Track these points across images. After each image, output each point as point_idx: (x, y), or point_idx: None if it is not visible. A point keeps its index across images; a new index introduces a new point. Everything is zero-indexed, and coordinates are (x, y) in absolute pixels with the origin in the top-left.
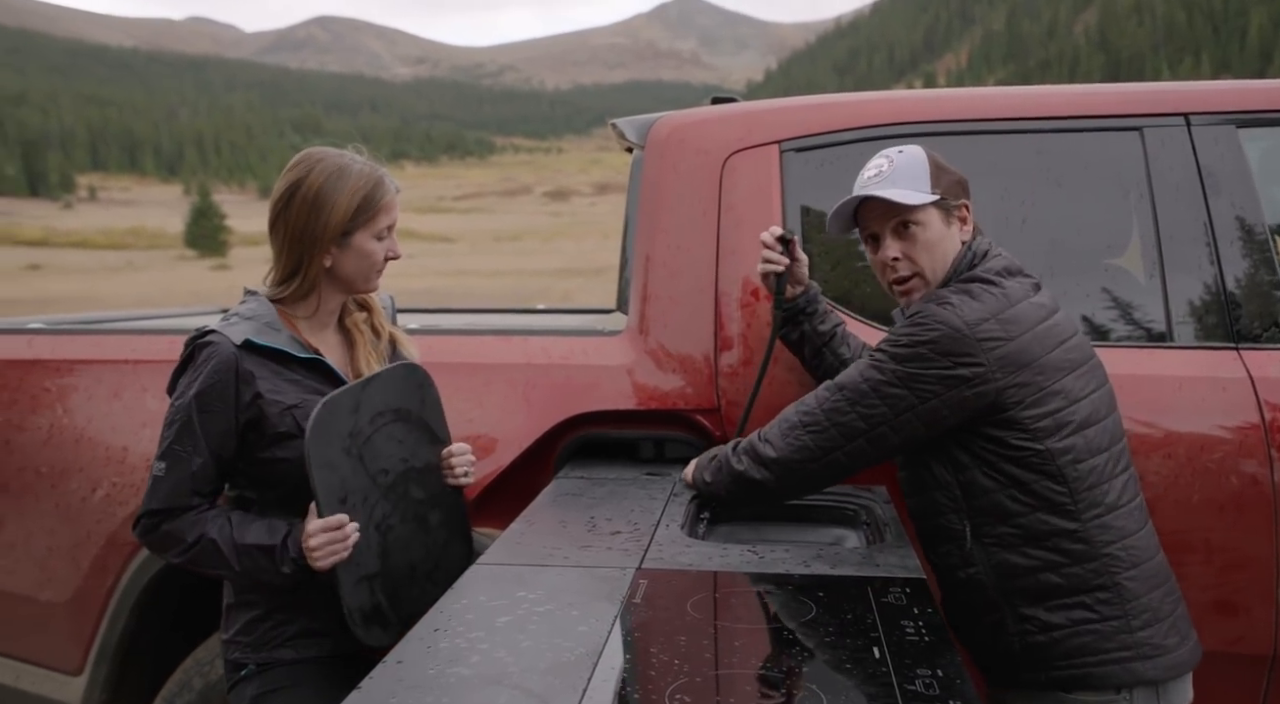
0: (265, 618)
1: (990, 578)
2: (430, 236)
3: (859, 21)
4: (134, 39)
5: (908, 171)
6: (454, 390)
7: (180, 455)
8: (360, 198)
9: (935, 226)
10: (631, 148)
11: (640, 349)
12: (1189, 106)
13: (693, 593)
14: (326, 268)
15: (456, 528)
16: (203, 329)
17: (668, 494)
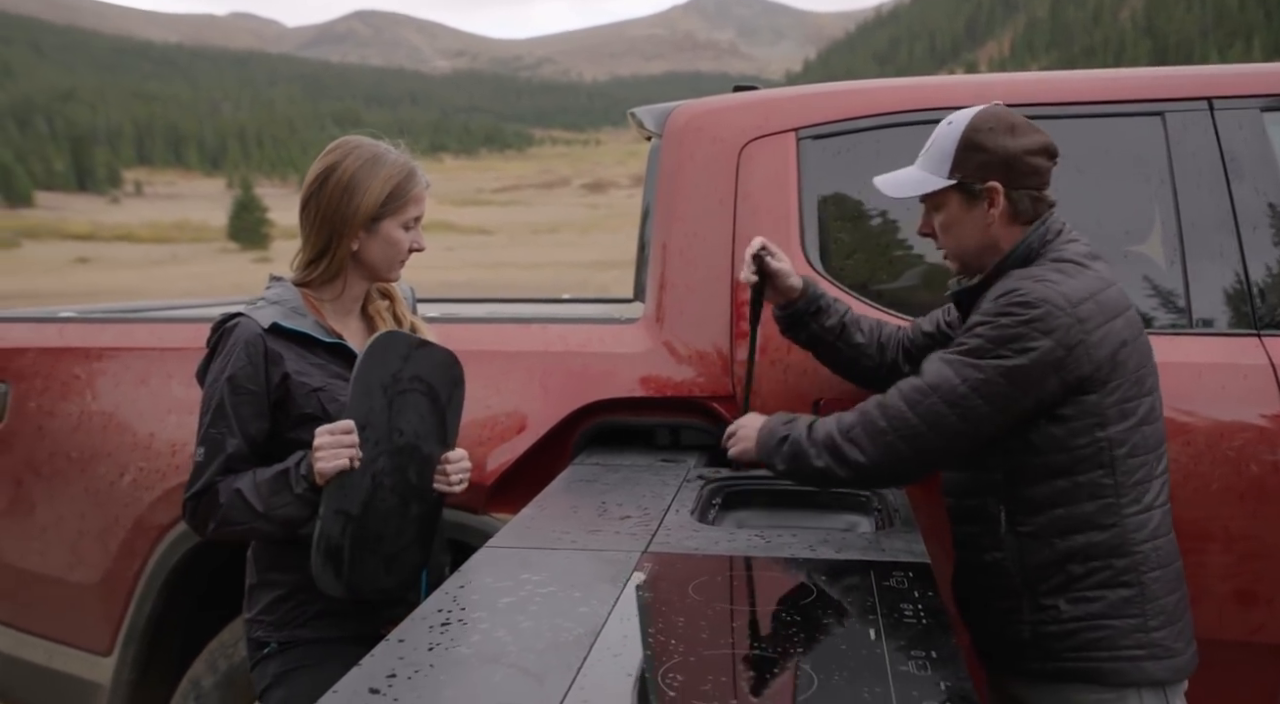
0: (288, 597)
1: (1015, 565)
2: (469, 229)
3: (899, 10)
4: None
5: (938, 150)
6: (472, 377)
7: (216, 439)
8: (393, 185)
9: (952, 210)
10: (651, 137)
11: (656, 337)
12: (1212, 91)
13: (696, 576)
14: (353, 251)
15: (424, 532)
16: (229, 313)
17: (680, 480)
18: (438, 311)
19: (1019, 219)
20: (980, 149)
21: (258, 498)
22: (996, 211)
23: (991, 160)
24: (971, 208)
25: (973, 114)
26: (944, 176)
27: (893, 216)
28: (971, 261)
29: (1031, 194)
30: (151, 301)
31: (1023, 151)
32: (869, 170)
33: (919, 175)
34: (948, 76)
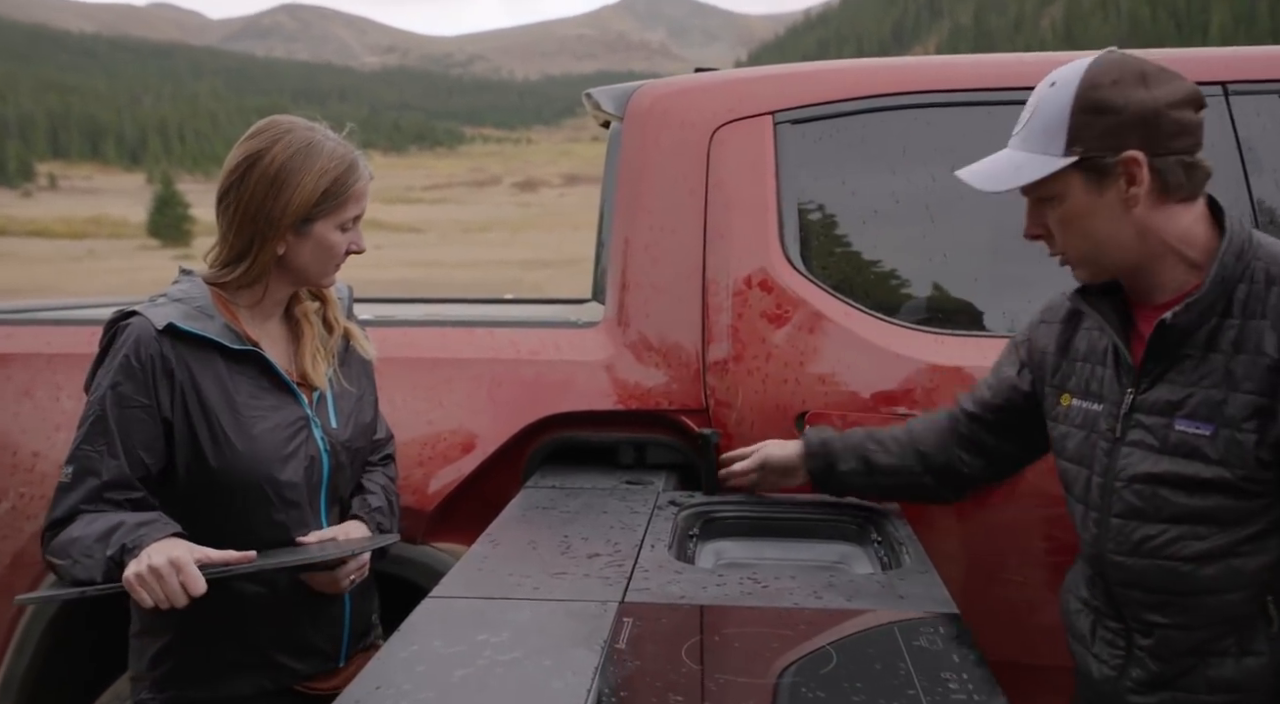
0: (175, 648)
1: (1271, 675)
2: (399, 227)
3: (828, 14)
4: (97, 24)
5: (1044, 121)
6: (411, 388)
7: (91, 458)
8: (329, 181)
9: (1076, 198)
10: (608, 122)
11: (619, 342)
12: (1228, 75)
13: (687, 634)
14: (279, 255)
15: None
16: (122, 310)
17: (651, 507)
18: (371, 313)
19: (1172, 196)
20: (1106, 109)
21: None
22: (1140, 189)
23: (1124, 122)
24: (1103, 191)
25: (1085, 67)
26: (1059, 154)
27: (882, 209)
28: (1113, 262)
29: (1183, 159)
30: (54, 300)
31: (1165, 105)
32: (854, 158)
33: (1020, 158)
34: (936, 57)
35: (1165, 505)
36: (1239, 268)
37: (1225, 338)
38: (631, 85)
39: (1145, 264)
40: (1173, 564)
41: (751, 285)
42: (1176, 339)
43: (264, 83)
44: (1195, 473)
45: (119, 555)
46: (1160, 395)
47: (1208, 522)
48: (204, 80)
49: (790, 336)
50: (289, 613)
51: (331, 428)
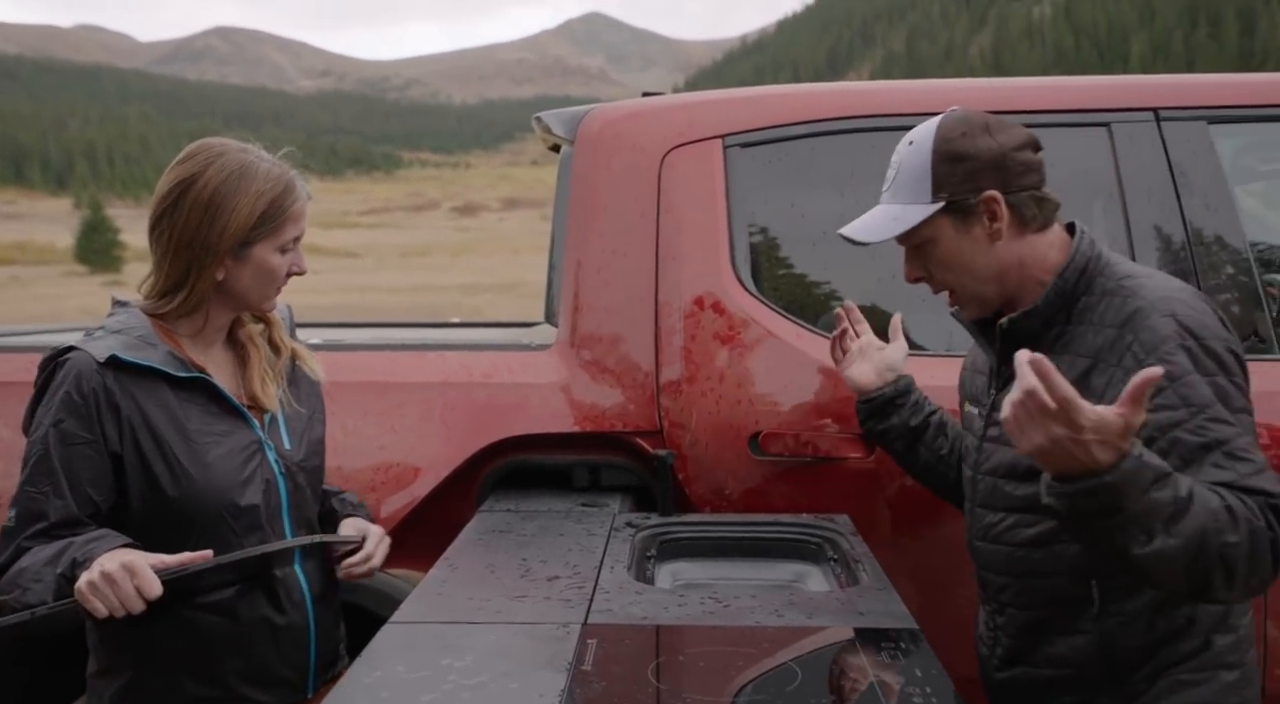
0: (136, 685)
1: (1101, 650)
2: (336, 252)
3: (764, 40)
4: (19, 46)
5: (909, 176)
6: (362, 413)
7: (35, 500)
8: (265, 203)
9: (947, 239)
10: (557, 145)
11: (572, 365)
12: (1160, 101)
13: (651, 654)
14: (218, 281)
15: None
16: (59, 347)
17: (608, 528)
18: (319, 338)
19: (1029, 227)
20: (961, 157)
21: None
22: (1002, 224)
23: (979, 166)
24: (970, 229)
25: (935, 125)
26: (927, 202)
27: (830, 232)
28: (991, 292)
29: (1033, 194)
30: None
31: (1010, 148)
32: (802, 181)
33: (894, 210)
34: (886, 82)
35: (1003, 495)
36: (1083, 283)
37: (1061, 342)
38: (581, 109)
39: (1013, 290)
40: (1009, 549)
41: (703, 307)
42: (1023, 343)
43: (196, 106)
44: (1019, 463)
45: (69, 571)
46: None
47: (1034, 510)
48: (133, 103)
49: (742, 357)
50: (252, 644)
51: (285, 449)
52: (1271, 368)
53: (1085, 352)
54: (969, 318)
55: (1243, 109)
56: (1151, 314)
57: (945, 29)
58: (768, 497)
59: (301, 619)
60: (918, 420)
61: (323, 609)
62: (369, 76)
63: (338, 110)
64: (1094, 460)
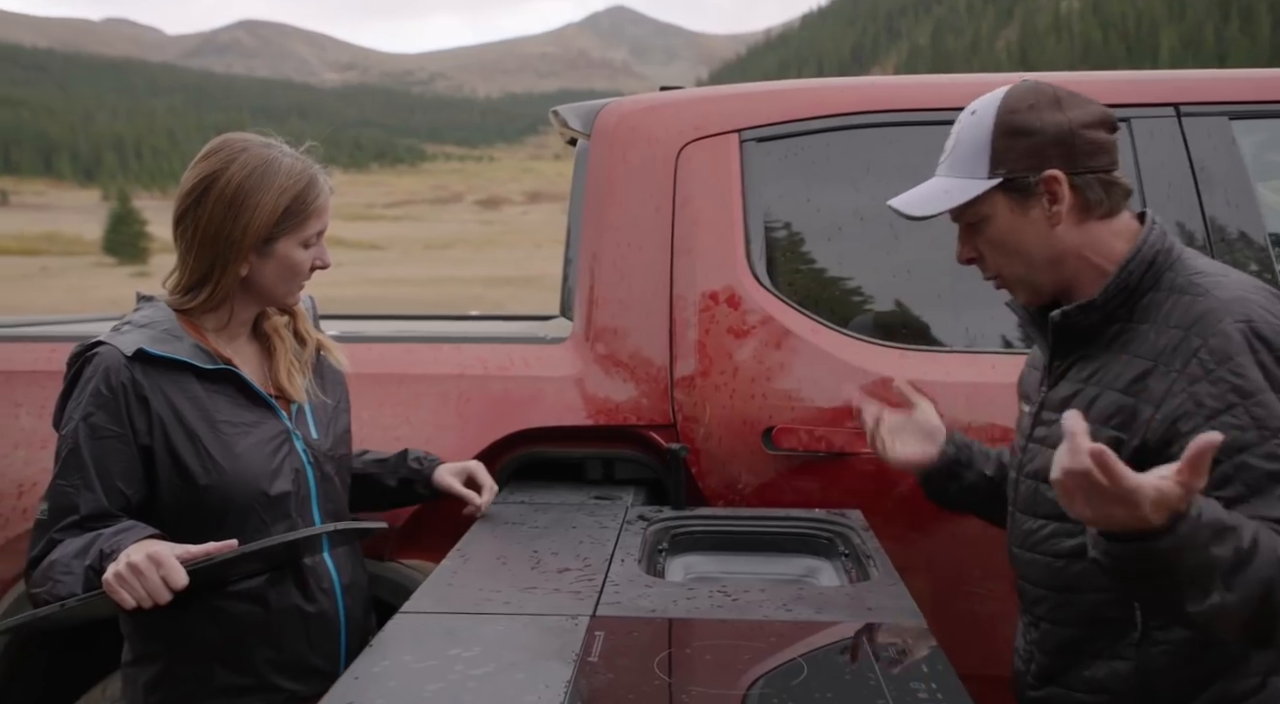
0: (169, 674)
1: (1140, 679)
2: (360, 244)
3: (788, 34)
4: (50, 39)
5: (967, 148)
6: (379, 404)
7: (66, 493)
8: (289, 199)
9: (1002, 219)
10: (575, 139)
11: (587, 358)
12: (1181, 97)
13: (659, 647)
14: (243, 277)
15: None
16: (87, 341)
17: (620, 522)
18: (338, 330)
19: (1093, 212)
20: (1024, 132)
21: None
22: (1063, 207)
23: (1042, 142)
24: (1027, 210)
25: (1002, 94)
26: (983, 177)
27: (847, 226)
28: (1045, 280)
29: (1101, 177)
30: (11, 317)
31: (1079, 125)
32: (819, 175)
33: (947, 184)
34: (902, 77)
35: (1044, 501)
36: (1149, 278)
37: (1120, 340)
38: (598, 103)
39: (1069, 280)
40: (1048, 559)
41: (718, 301)
42: (1078, 339)
43: (222, 99)
44: None
45: (98, 562)
46: (1060, 392)
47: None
48: (161, 97)
49: (756, 352)
50: (283, 632)
51: (313, 439)
52: None
53: (1146, 353)
54: (1026, 303)
55: (1266, 105)
56: (1224, 317)
57: (971, 23)
58: (781, 491)
59: (331, 607)
60: (991, 469)
61: (352, 598)
62: (393, 70)
63: (362, 103)
64: (1147, 523)
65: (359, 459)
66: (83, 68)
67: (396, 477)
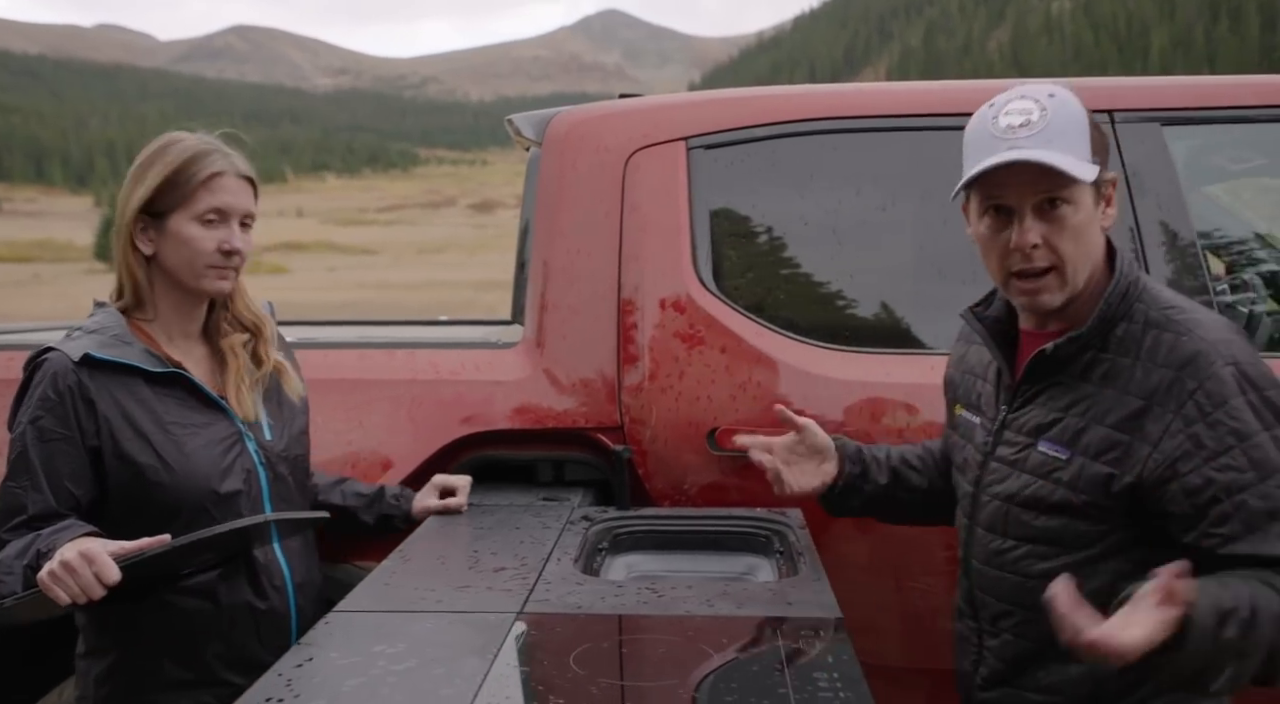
0: (120, 667)
1: (1089, 683)
2: (352, 249)
3: (780, 37)
4: (41, 46)
5: (1067, 127)
6: (332, 409)
7: (15, 494)
8: (171, 170)
9: (1086, 209)
10: (530, 146)
11: (536, 363)
12: (1114, 104)
13: (579, 642)
14: (149, 257)
15: None
16: (40, 348)
17: (563, 522)
18: (295, 336)
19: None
20: (1101, 134)
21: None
22: (1113, 212)
23: (1108, 146)
24: (1096, 205)
25: (1064, 88)
26: (1089, 160)
27: (790, 232)
28: (1083, 284)
29: None
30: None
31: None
32: (763, 182)
33: (1060, 158)
34: (844, 85)
35: (1017, 523)
36: (1123, 308)
37: (1097, 371)
38: (550, 111)
39: (1082, 291)
40: (1020, 579)
41: (665, 306)
42: (1054, 366)
43: (214, 105)
44: (1046, 494)
45: (35, 561)
46: (1031, 416)
47: (1053, 542)
48: (152, 102)
49: (702, 355)
50: (233, 628)
51: (266, 440)
52: None
53: (1137, 391)
54: (1053, 305)
55: (1196, 111)
56: (1215, 361)
57: (963, 24)
58: (726, 491)
59: (283, 604)
60: (885, 477)
61: (304, 596)
62: (386, 74)
63: (355, 108)
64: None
65: (338, 490)
66: (74, 74)
67: (374, 513)
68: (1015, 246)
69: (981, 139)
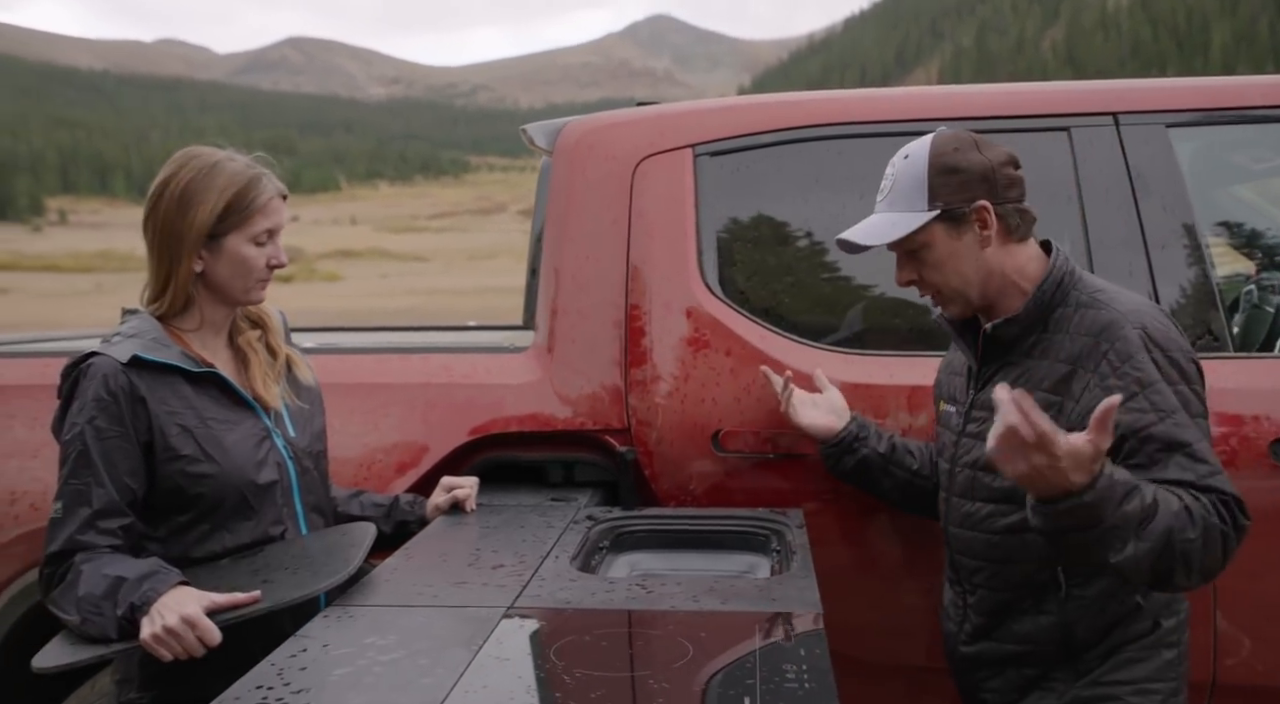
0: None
1: (1060, 631)
2: (404, 256)
3: (831, 38)
4: (104, 61)
5: (905, 186)
6: (348, 412)
7: (79, 490)
8: (230, 196)
9: (940, 244)
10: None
11: (546, 366)
12: (1118, 106)
13: (561, 635)
14: (198, 273)
15: None
16: (81, 353)
17: (567, 521)
18: (314, 342)
19: (1012, 236)
20: (955, 170)
21: (83, 588)
22: (991, 232)
23: (971, 178)
24: (961, 235)
25: (930, 141)
26: (923, 210)
27: (796, 239)
28: (975, 295)
29: (1017, 207)
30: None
31: (998, 163)
32: (770, 189)
33: (892, 217)
34: (850, 91)
35: (982, 487)
36: (1059, 295)
37: (1038, 348)
38: (561, 121)
39: (994, 295)
40: (987, 536)
41: (671, 311)
42: (1003, 348)
43: (270, 116)
44: None
45: (129, 613)
46: (988, 394)
47: (1011, 501)
48: (211, 115)
49: (707, 359)
50: (270, 612)
51: (291, 436)
52: (1222, 365)
53: (1064, 357)
54: (952, 316)
55: (1202, 112)
56: (1125, 325)
57: (1016, 23)
58: (730, 492)
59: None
60: (885, 446)
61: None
62: (437, 83)
63: (407, 117)
64: (1070, 484)
65: (357, 502)
66: (136, 88)
67: (391, 522)
68: (898, 284)
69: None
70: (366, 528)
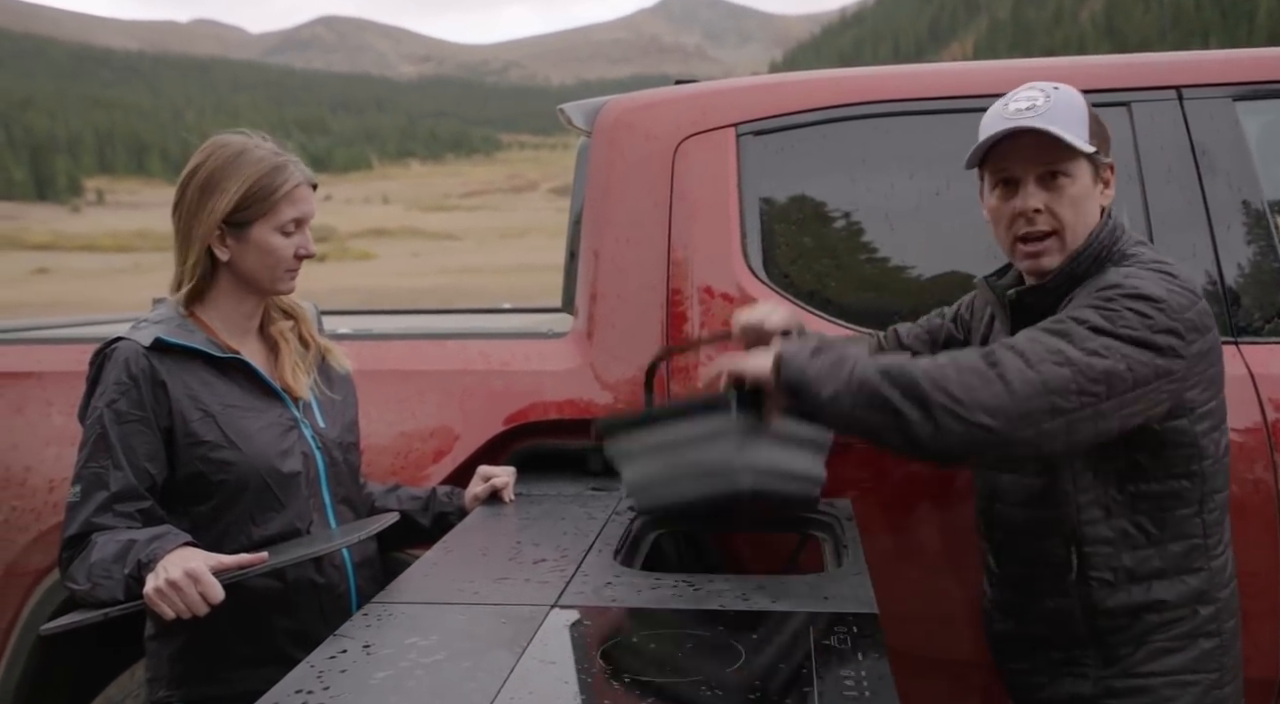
0: (191, 647)
1: (1083, 612)
2: (436, 234)
3: (863, 12)
4: (139, 42)
5: (1067, 112)
6: (384, 399)
7: (97, 474)
8: (251, 184)
9: (1084, 182)
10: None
11: (586, 352)
12: (1181, 79)
13: (608, 636)
14: (225, 262)
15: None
16: (107, 339)
17: (609, 512)
18: (349, 327)
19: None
20: (1100, 123)
21: (97, 555)
22: (1111, 193)
23: (1107, 137)
24: (1094, 183)
25: (1068, 86)
26: (1085, 140)
27: (841, 218)
28: (1072, 246)
29: None
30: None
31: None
32: (814, 168)
33: (1059, 130)
34: (894, 67)
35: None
36: (1094, 267)
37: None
38: (600, 100)
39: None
40: (1008, 508)
41: (714, 294)
42: (1035, 312)
43: (303, 95)
44: None
45: (136, 571)
46: None
47: (1029, 471)
48: (244, 94)
49: None
50: (298, 607)
51: (320, 427)
52: None
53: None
54: (1052, 267)
55: (1270, 85)
56: (1114, 276)
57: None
58: None
59: (342, 582)
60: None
61: (363, 575)
62: (468, 61)
63: (438, 95)
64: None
65: (394, 496)
66: (171, 68)
67: (430, 515)
68: (1019, 211)
69: (993, 121)
70: (388, 514)
